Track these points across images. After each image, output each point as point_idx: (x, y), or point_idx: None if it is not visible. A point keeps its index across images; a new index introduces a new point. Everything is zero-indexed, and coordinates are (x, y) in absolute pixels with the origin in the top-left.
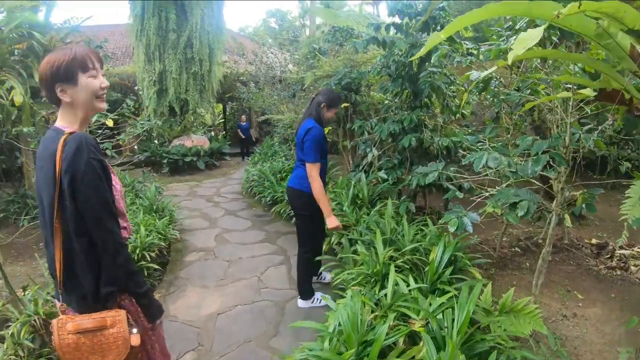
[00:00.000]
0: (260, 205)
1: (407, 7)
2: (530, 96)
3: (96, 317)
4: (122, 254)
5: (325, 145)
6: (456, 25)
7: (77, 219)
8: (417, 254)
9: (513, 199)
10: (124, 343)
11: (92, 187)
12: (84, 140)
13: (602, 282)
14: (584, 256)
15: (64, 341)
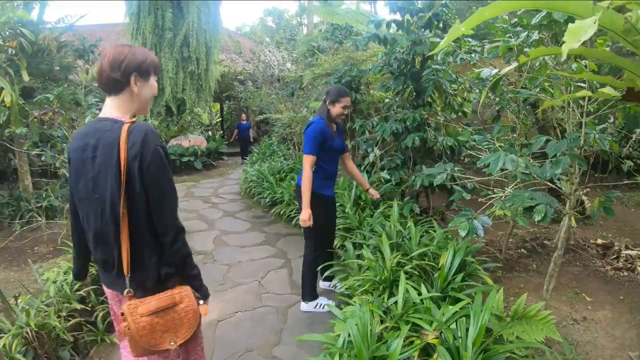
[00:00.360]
0: (259, 206)
1: (408, 4)
2: (540, 94)
3: (164, 297)
4: (181, 237)
5: (330, 141)
6: (479, 16)
7: (141, 204)
8: (425, 258)
9: (529, 202)
10: (194, 316)
11: (161, 173)
12: (149, 129)
13: (610, 283)
14: (590, 257)
15: (139, 324)
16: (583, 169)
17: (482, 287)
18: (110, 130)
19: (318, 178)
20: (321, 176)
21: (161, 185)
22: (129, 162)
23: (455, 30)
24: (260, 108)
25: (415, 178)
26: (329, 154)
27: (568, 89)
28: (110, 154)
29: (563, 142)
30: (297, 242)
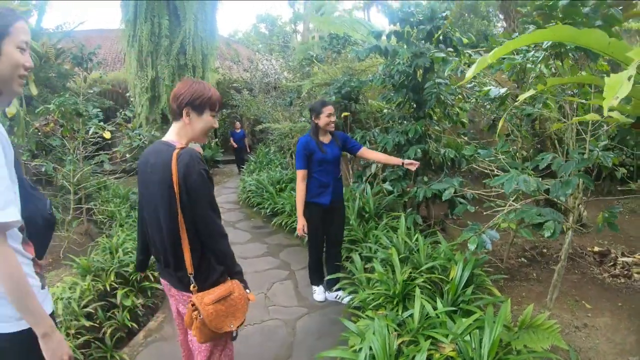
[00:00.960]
0: (259, 216)
1: (408, 16)
2: (542, 110)
3: (221, 288)
4: (225, 242)
5: (318, 153)
6: (505, 49)
7: (190, 216)
8: (435, 272)
9: (537, 219)
10: (245, 302)
11: (203, 191)
12: (194, 154)
13: (608, 290)
14: (588, 265)
15: (208, 311)
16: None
17: (492, 299)
18: (165, 152)
19: (312, 188)
20: (314, 186)
21: (204, 200)
22: (179, 181)
23: (482, 62)
24: (257, 116)
25: (417, 190)
26: (319, 165)
27: (571, 107)
28: (165, 173)
29: (571, 163)
30: (300, 253)
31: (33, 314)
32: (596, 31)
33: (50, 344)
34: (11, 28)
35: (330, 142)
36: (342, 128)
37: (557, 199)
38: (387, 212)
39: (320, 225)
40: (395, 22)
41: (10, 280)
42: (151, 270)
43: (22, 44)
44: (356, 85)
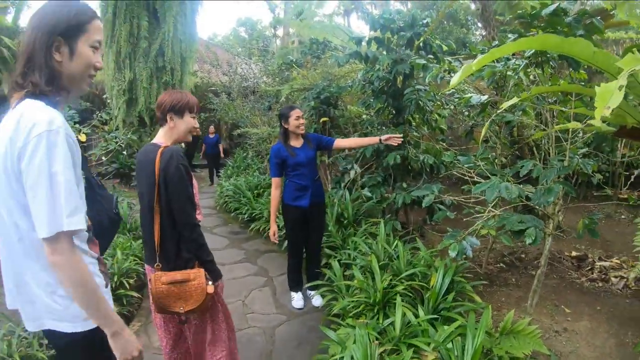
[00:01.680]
0: (236, 221)
1: (389, 22)
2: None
3: (182, 272)
4: (196, 231)
5: (290, 159)
6: (490, 56)
7: (167, 204)
8: (415, 279)
9: (519, 226)
10: (202, 292)
11: (179, 184)
12: (175, 151)
13: (587, 294)
14: (566, 269)
15: (158, 289)
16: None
17: (473, 306)
18: (153, 151)
19: (290, 191)
20: (292, 189)
21: (180, 192)
22: (160, 174)
23: (467, 69)
24: (235, 121)
25: (396, 196)
26: (294, 169)
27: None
28: (151, 169)
29: (552, 170)
30: (278, 259)
31: (103, 316)
32: (581, 40)
33: (120, 341)
34: (88, 25)
35: (302, 145)
36: (320, 133)
37: (537, 206)
38: (366, 218)
39: (299, 229)
40: (376, 28)
41: (81, 286)
42: (126, 278)
43: (95, 44)
44: (335, 90)
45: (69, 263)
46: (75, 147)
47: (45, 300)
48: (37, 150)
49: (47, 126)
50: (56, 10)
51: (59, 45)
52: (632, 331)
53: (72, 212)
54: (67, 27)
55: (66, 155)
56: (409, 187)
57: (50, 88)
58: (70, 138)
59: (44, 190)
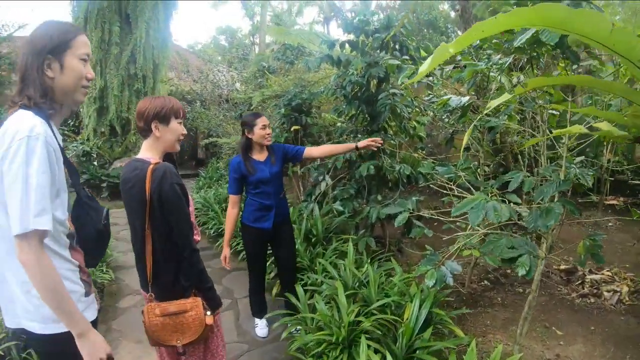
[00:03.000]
0: (204, 236)
1: (363, 24)
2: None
3: (177, 304)
4: (195, 256)
5: (251, 175)
6: (472, 34)
7: (162, 228)
8: (387, 310)
9: (509, 253)
10: (200, 323)
11: (176, 205)
12: (168, 169)
13: (578, 312)
14: (555, 284)
15: (152, 322)
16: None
17: (455, 341)
18: (141, 169)
19: (250, 211)
20: (252, 208)
21: (176, 215)
22: (152, 195)
23: (442, 51)
24: (209, 129)
25: (370, 210)
26: (256, 186)
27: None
28: (140, 188)
29: (551, 185)
30: (244, 278)
31: (67, 315)
32: (596, 14)
33: (86, 343)
34: (74, 41)
35: (266, 158)
36: (292, 142)
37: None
38: (338, 234)
39: (260, 250)
40: (349, 31)
41: (46, 286)
42: None
43: (83, 56)
44: (307, 97)
45: (36, 262)
46: (56, 155)
47: (21, 299)
48: (17, 154)
49: (29, 132)
50: (44, 32)
51: (50, 62)
52: (630, 353)
53: (39, 213)
54: (55, 45)
55: (43, 161)
56: (384, 199)
57: (44, 101)
58: (50, 146)
59: (19, 190)
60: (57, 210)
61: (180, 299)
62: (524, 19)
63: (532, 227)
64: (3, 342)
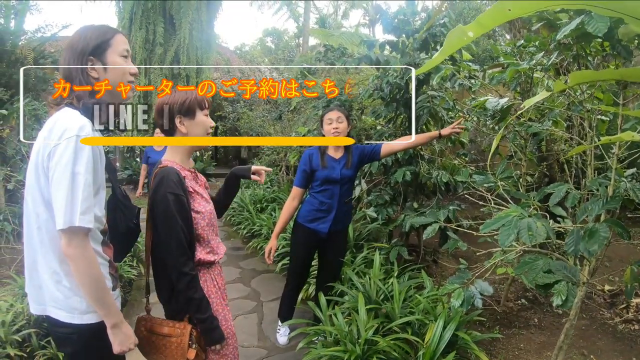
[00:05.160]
0: (238, 236)
1: (404, 24)
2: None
3: (169, 325)
4: (182, 281)
5: (321, 170)
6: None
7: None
8: (409, 329)
9: (545, 278)
10: (181, 354)
11: (162, 217)
12: (166, 175)
13: (620, 340)
14: (597, 307)
15: (138, 334)
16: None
17: None
18: (156, 172)
19: (308, 210)
20: (310, 207)
21: (162, 230)
22: (150, 200)
23: (458, 34)
24: (247, 130)
25: (404, 217)
26: (322, 184)
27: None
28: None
29: (597, 202)
30: (273, 280)
31: (106, 307)
32: None
33: (119, 334)
34: (112, 40)
35: (341, 157)
36: None
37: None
38: (370, 242)
39: (307, 254)
40: (389, 31)
41: (90, 279)
42: None
43: (124, 52)
44: (346, 99)
45: (81, 255)
46: (100, 155)
47: (51, 288)
48: (66, 151)
49: (78, 132)
50: (83, 35)
51: (93, 63)
52: None
53: (85, 211)
54: (96, 45)
55: (89, 160)
56: (421, 207)
57: (93, 100)
58: (96, 147)
59: (66, 186)
60: (95, 206)
61: (173, 320)
62: None
63: (572, 252)
64: (24, 329)
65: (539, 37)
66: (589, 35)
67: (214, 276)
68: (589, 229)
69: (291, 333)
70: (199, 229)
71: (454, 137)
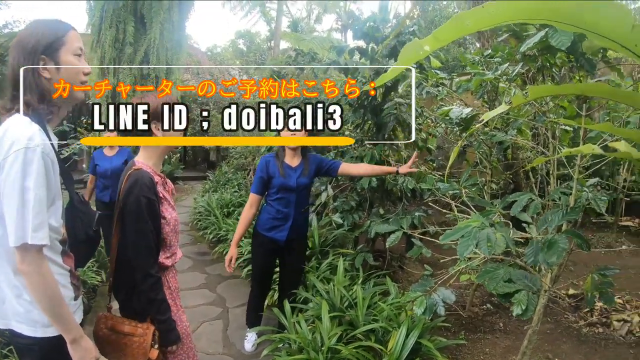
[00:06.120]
0: (204, 241)
1: (374, 31)
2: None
3: (132, 325)
4: (147, 282)
5: (277, 178)
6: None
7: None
8: (372, 337)
9: (505, 288)
10: (143, 353)
11: (134, 219)
12: (140, 178)
13: (585, 343)
14: (562, 310)
15: (98, 332)
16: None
17: None
18: (125, 173)
19: (265, 218)
20: (268, 215)
21: (132, 231)
22: (120, 203)
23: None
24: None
25: (370, 224)
26: (278, 191)
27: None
28: (119, 192)
29: (557, 213)
30: (239, 286)
31: (64, 323)
32: (615, 4)
33: (78, 349)
34: (65, 37)
35: (298, 165)
36: None
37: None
38: (335, 248)
39: (268, 262)
40: (360, 37)
41: (45, 294)
42: None
43: (77, 51)
44: None
45: (35, 272)
46: (53, 164)
47: (12, 302)
48: (14, 166)
49: (26, 143)
50: (34, 32)
51: (45, 62)
52: None
53: (36, 227)
54: (48, 43)
55: (39, 174)
56: (387, 213)
57: (43, 106)
58: (47, 157)
59: (15, 202)
60: (51, 217)
61: (135, 320)
62: (521, 9)
63: (532, 262)
64: None
65: (506, 46)
66: (553, 47)
67: (168, 279)
68: (548, 240)
69: (257, 340)
70: (164, 234)
71: (421, 145)
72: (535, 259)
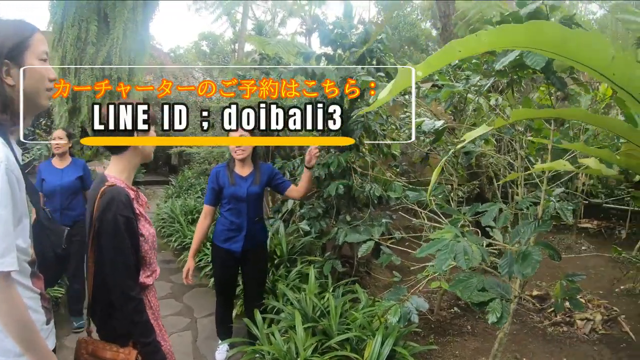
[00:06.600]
0: (169, 249)
1: (341, 38)
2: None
3: (113, 350)
4: (129, 304)
5: (228, 188)
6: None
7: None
8: (347, 346)
9: (479, 297)
10: None
11: (112, 239)
12: (117, 195)
13: (551, 342)
14: (527, 311)
15: (79, 358)
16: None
17: None
18: (96, 188)
19: (218, 228)
20: (222, 227)
21: (110, 249)
22: (95, 221)
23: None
24: None
25: (338, 231)
26: (229, 202)
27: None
28: (90, 207)
29: (528, 226)
30: (206, 295)
31: (35, 351)
32: (595, 36)
33: None
34: (31, 40)
35: (249, 174)
36: (264, 155)
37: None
38: (303, 255)
39: (227, 273)
40: (327, 44)
41: (14, 322)
42: None
43: (43, 55)
44: None
45: (3, 300)
46: (19, 182)
47: None
48: None
49: None
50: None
51: (8, 68)
52: None
53: (3, 253)
54: (11, 47)
55: (4, 193)
56: (353, 219)
57: (6, 116)
58: (12, 173)
59: None
60: (18, 238)
61: (116, 344)
62: (510, 38)
63: (507, 273)
64: None
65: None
66: (525, 65)
67: (150, 298)
68: (522, 252)
69: (229, 352)
70: (142, 252)
71: (385, 150)
72: (510, 270)
